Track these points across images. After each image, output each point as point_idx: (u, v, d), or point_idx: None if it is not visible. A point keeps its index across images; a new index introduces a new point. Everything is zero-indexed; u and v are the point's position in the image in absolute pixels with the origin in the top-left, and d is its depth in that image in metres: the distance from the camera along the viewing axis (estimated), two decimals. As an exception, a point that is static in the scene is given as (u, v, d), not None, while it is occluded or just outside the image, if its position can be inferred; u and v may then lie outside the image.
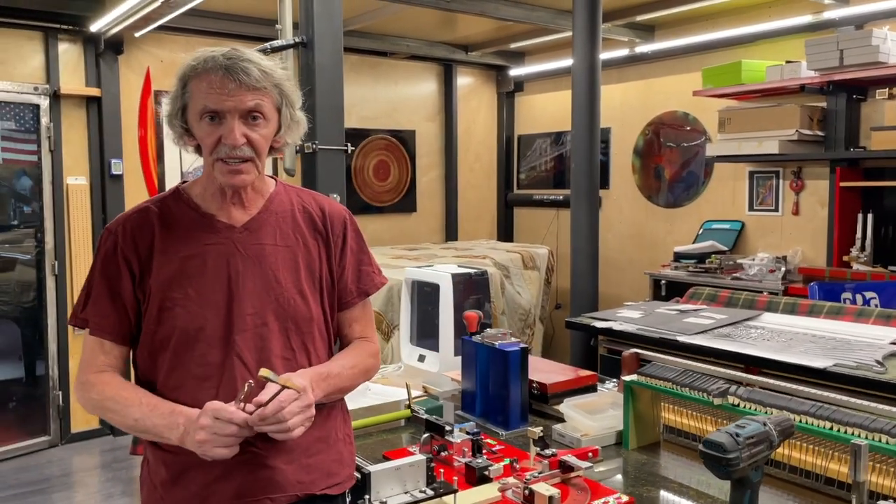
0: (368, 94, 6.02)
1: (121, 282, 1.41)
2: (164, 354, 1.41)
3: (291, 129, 1.48)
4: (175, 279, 1.41)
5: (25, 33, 4.66)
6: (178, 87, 1.41)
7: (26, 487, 4.24)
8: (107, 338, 1.42)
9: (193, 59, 1.40)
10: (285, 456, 1.41)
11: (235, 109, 1.37)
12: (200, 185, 1.49)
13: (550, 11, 4.88)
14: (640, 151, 5.64)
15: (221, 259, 1.43)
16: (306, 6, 2.99)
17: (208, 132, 1.38)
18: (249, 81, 1.36)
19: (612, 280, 5.64)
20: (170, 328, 1.40)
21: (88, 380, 1.42)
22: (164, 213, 1.46)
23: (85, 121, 4.90)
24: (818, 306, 2.59)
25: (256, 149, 1.40)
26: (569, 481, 1.53)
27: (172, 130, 1.45)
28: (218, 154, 1.39)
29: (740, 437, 1.16)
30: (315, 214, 1.55)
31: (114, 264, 1.42)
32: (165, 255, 1.42)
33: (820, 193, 4.53)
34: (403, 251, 5.42)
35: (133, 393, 1.39)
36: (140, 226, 1.44)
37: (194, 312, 1.40)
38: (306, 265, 1.49)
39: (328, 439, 1.49)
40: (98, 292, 1.43)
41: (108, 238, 1.45)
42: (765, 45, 4.74)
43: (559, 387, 2.08)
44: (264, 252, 1.46)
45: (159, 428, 1.34)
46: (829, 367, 1.94)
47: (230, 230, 1.45)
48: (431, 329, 2.60)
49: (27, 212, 4.84)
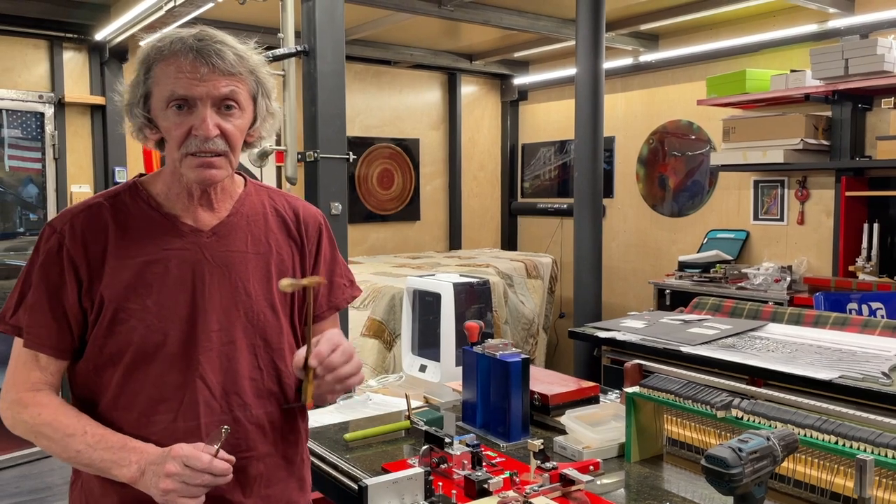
0: (373, 103, 6.03)
1: (64, 288, 1.24)
2: (113, 371, 1.25)
3: (267, 121, 1.33)
4: (131, 288, 1.24)
5: (31, 41, 4.68)
6: (141, 72, 1.26)
7: (27, 496, 4.22)
8: (45, 351, 1.25)
9: (159, 41, 1.24)
10: (246, 488, 1.30)
11: (208, 96, 1.22)
12: (163, 183, 1.32)
13: (554, 20, 4.89)
14: (645, 160, 5.62)
15: (186, 267, 1.27)
16: (308, 15, 2.99)
17: (176, 123, 1.23)
18: (223, 66, 1.22)
19: (615, 289, 5.62)
20: (123, 342, 1.24)
21: (21, 399, 1.24)
22: (120, 210, 1.29)
23: (89, 129, 4.92)
24: (823, 317, 2.56)
25: (230, 142, 1.25)
26: (570, 495, 1.51)
27: (132, 121, 1.29)
28: (187, 148, 1.23)
29: (743, 452, 1.14)
30: (288, 218, 1.41)
31: (57, 267, 1.24)
32: (120, 260, 1.25)
33: (825, 203, 4.51)
34: (407, 260, 5.41)
35: (75, 420, 1.22)
36: (91, 224, 1.26)
37: (153, 326, 1.24)
38: (279, 274, 1.35)
39: (290, 467, 1.38)
40: (36, 298, 1.25)
41: (51, 236, 1.26)
42: (769, 55, 4.73)
43: (561, 398, 2.06)
44: (233, 260, 1.31)
45: (106, 463, 1.18)
46: (835, 379, 1.92)
47: (196, 234, 1.30)
48: (433, 339, 2.59)
49: (32, 219, 4.85)
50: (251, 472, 1.30)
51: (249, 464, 1.31)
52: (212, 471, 1.14)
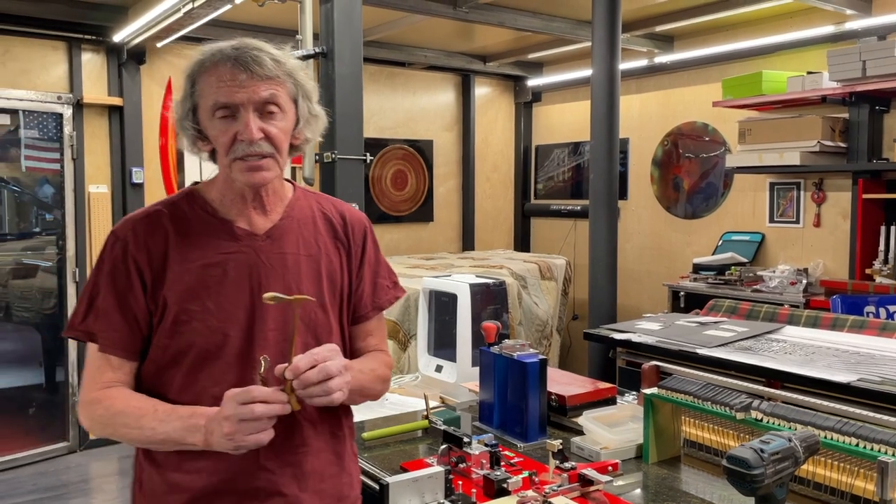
0: (386, 104, 6.05)
1: (132, 292, 1.30)
2: (176, 370, 1.30)
3: (310, 123, 1.38)
4: (192, 290, 1.30)
5: (50, 43, 4.73)
6: (187, 87, 1.32)
7: (45, 493, 4.26)
8: (117, 353, 1.31)
9: (201, 54, 1.30)
10: (302, 482, 1.34)
11: (249, 101, 1.27)
12: (217, 189, 1.38)
13: (569, 22, 4.89)
14: (659, 162, 5.61)
15: (243, 269, 1.32)
16: (327, 17, 3.01)
17: (222, 130, 1.28)
18: (261, 71, 1.27)
19: (630, 291, 5.61)
20: (185, 343, 1.29)
21: (94, 397, 1.30)
22: (177, 217, 1.35)
23: (107, 130, 4.96)
24: (841, 320, 2.55)
25: (276, 144, 1.30)
26: (588, 495, 1.51)
27: (184, 135, 1.35)
28: (235, 153, 1.28)
29: (765, 453, 1.14)
30: (336, 221, 1.46)
31: (124, 273, 1.30)
32: (181, 264, 1.31)
33: (842, 205, 4.48)
34: (420, 261, 5.42)
35: (145, 402, 1.28)
36: (152, 231, 1.32)
37: (214, 327, 1.29)
38: (328, 276, 1.40)
39: (340, 461, 1.42)
40: (107, 304, 1.30)
41: (115, 244, 1.32)
42: (786, 56, 4.71)
43: (578, 399, 2.06)
44: (287, 262, 1.36)
45: (179, 433, 1.23)
46: (853, 382, 1.91)
47: (252, 238, 1.35)
48: (449, 339, 2.59)
49: (48, 219, 4.90)
50: (306, 467, 1.34)
51: (305, 459, 1.35)
52: (263, 398, 1.17)
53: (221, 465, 1.28)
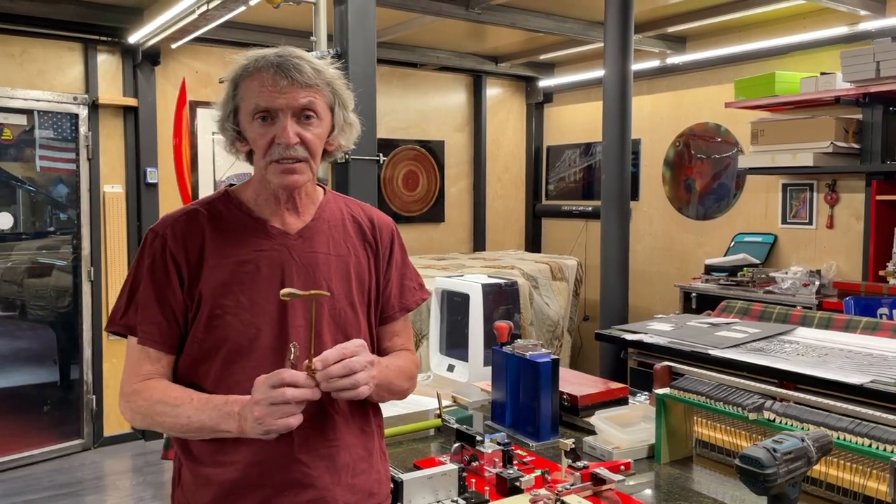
0: (398, 105, 6.07)
1: (170, 287, 1.35)
2: (211, 364, 1.35)
3: (345, 131, 1.43)
4: (226, 285, 1.35)
5: (66, 44, 4.78)
6: (230, 90, 1.37)
7: (59, 490, 4.31)
8: (156, 346, 1.35)
9: (245, 59, 1.36)
10: (335, 476, 1.37)
11: (288, 107, 1.32)
12: (252, 190, 1.43)
13: (581, 23, 4.89)
14: (671, 163, 5.60)
15: (275, 266, 1.37)
16: (341, 18, 3.03)
17: (261, 133, 1.34)
18: (302, 78, 1.32)
19: (641, 292, 5.60)
20: (220, 337, 1.34)
21: (134, 389, 1.35)
22: (214, 215, 1.40)
23: (122, 130, 5.01)
24: (854, 321, 2.54)
25: (310, 149, 1.36)
26: (601, 494, 1.52)
27: (224, 135, 1.41)
28: (271, 156, 1.34)
29: (778, 453, 1.15)
30: (364, 224, 1.51)
31: (162, 268, 1.35)
32: (216, 260, 1.36)
33: (855, 207, 4.46)
34: (431, 261, 5.43)
35: (182, 392, 1.33)
36: (190, 228, 1.38)
37: (246, 321, 1.34)
38: (357, 276, 1.45)
39: (370, 457, 1.45)
40: (146, 298, 1.35)
41: (154, 240, 1.37)
42: (799, 57, 4.69)
43: (590, 399, 2.07)
44: (317, 260, 1.41)
45: (215, 420, 1.27)
46: (866, 384, 1.90)
47: (284, 236, 1.40)
48: (461, 339, 2.60)
49: (63, 219, 4.95)
50: (339, 461, 1.37)
51: (338, 453, 1.39)
52: (291, 382, 1.20)
53: (256, 457, 1.31)
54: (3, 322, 4.86)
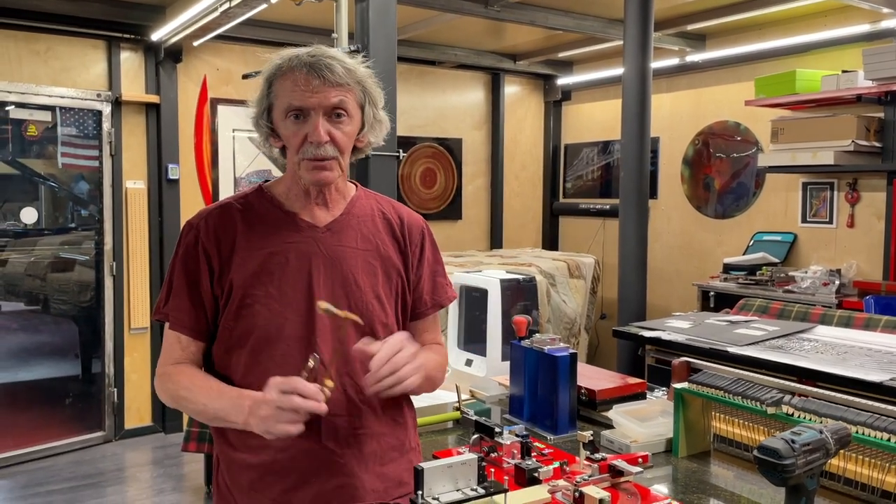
0: (416, 103, 6.09)
1: (200, 277, 1.41)
2: (241, 352, 1.40)
3: (374, 128, 1.47)
4: (256, 276, 1.39)
5: (90, 42, 4.85)
6: (264, 88, 1.41)
7: (81, 481, 4.38)
8: (185, 332, 1.42)
9: (279, 59, 1.40)
10: (362, 463, 1.42)
11: (319, 106, 1.36)
12: (284, 185, 1.48)
13: (601, 21, 4.88)
14: (690, 161, 5.58)
15: (303, 258, 1.42)
16: (362, 16, 3.06)
17: (294, 131, 1.38)
18: (333, 78, 1.36)
19: (659, 291, 5.59)
20: (249, 325, 1.39)
21: (166, 371, 1.43)
22: (247, 209, 1.46)
23: (144, 127, 5.07)
24: (874, 320, 2.53)
25: (340, 147, 1.40)
26: (619, 486, 1.53)
27: (258, 132, 1.46)
28: (304, 154, 1.38)
29: (796, 444, 1.15)
30: (394, 222, 1.54)
31: (193, 259, 1.41)
32: (247, 252, 1.41)
33: (876, 206, 4.43)
34: (449, 258, 5.45)
35: (204, 381, 1.40)
36: (222, 221, 1.43)
37: (275, 311, 1.38)
38: (384, 271, 1.48)
39: (402, 448, 1.49)
40: (178, 287, 1.42)
41: (188, 232, 1.44)
42: (820, 55, 4.66)
43: (608, 393, 2.08)
44: (345, 254, 1.45)
45: (226, 410, 1.33)
46: (886, 381, 1.90)
47: (313, 229, 1.45)
48: (479, 334, 2.63)
49: (84, 215, 5.02)
50: (366, 449, 1.42)
51: (364, 440, 1.43)
52: (300, 391, 1.24)
53: (284, 444, 1.34)
54: (27, 316, 4.95)
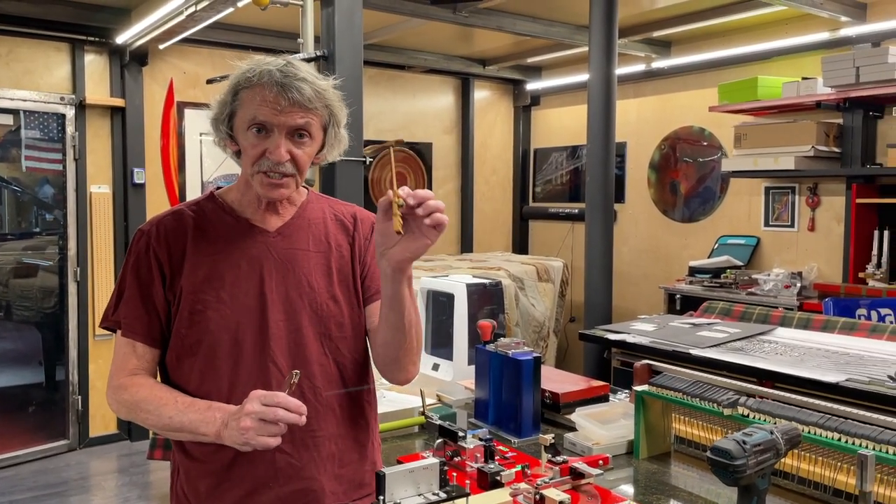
0: (386, 107, 6.09)
1: (152, 283, 1.40)
2: (194, 359, 1.39)
3: (333, 146, 1.48)
4: (207, 281, 1.39)
5: (53, 44, 4.78)
6: (229, 94, 1.40)
7: (45, 490, 4.30)
8: (138, 339, 1.41)
9: (249, 70, 1.38)
10: (320, 466, 1.42)
11: (284, 125, 1.36)
12: (237, 191, 1.49)
13: (568, 27, 4.93)
14: (656, 166, 5.66)
15: (254, 263, 1.42)
16: (328, 21, 3.06)
17: (254, 143, 1.37)
18: (302, 100, 1.35)
19: (626, 294, 5.65)
20: (202, 331, 1.38)
21: (121, 383, 1.40)
22: (199, 216, 1.46)
23: (109, 130, 5.00)
24: (832, 322, 2.59)
25: (299, 166, 1.40)
26: (579, 488, 1.55)
27: (215, 133, 1.45)
28: (260, 167, 1.38)
29: (747, 445, 1.18)
30: (346, 221, 1.55)
31: (145, 265, 1.41)
32: (198, 258, 1.41)
33: (836, 210, 4.53)
34: (419, 262, 5.45)
35: (167, 392, 1.38)
36: (174, 228, 1.43)
37: (227, 316, 1.38)
38: (339, 270, 1.49)
39: (363, 449, 1.50)
40: (130, 293, 1.41)
41: (140, 239, 1.44)
42: (781, 62, 4.76)
43: (571, 396, 2.10)
44: (297, 257, 1.45)
45: (195, 423, 1.31)
46: (842, 382, 1.95)
47: (264, 234, 1.45)
48: (445, 338, 2.64)
49: (48, 219, 4.93)
50: (323, 451, 1.42)
51: (321, 443, 1.43)
52: (285, 405, 1.23)
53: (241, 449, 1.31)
54: (-11, 322, 4.85)
